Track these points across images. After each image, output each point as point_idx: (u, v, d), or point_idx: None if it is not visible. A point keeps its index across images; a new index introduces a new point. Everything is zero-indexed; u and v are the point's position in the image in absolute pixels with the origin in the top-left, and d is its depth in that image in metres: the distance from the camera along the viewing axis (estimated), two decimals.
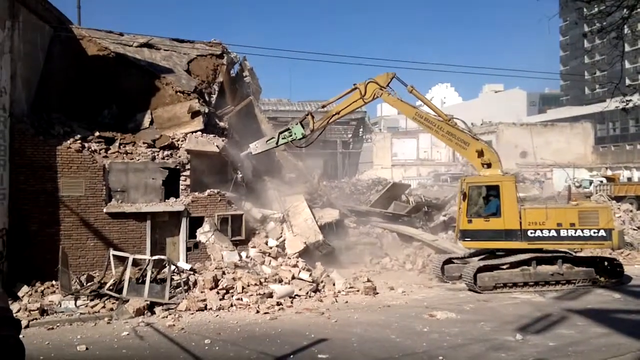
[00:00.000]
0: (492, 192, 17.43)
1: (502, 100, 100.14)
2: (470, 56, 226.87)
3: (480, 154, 17.60)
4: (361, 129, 53.12)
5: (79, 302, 14.53)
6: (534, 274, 17.08)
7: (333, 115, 19.68)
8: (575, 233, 16.71)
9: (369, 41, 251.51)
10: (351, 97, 19.31)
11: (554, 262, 17.19)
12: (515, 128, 58.39)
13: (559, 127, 61.32)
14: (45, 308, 14.04)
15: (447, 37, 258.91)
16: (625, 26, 12.62)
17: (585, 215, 16.73)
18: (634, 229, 26.22)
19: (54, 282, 15.68)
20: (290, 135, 19.75)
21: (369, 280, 17.64)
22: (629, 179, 48.20)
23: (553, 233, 16.88)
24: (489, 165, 17.56)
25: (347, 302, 15.67)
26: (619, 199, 33.44)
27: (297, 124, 19.74)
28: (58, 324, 13.23)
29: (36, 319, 13.42)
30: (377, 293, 16.73)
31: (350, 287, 17.03)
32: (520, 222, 17.09)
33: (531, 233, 17.04)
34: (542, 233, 16.97)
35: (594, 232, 16.52)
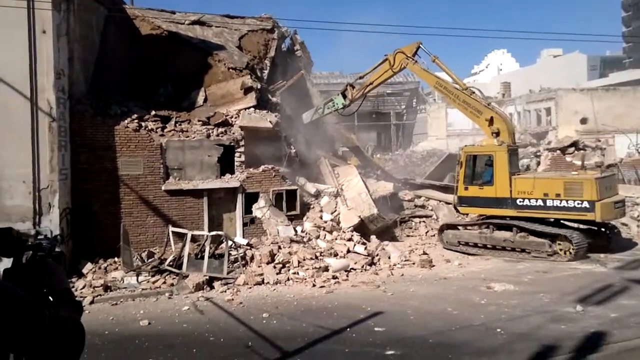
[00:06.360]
0: (487, 161, 18.28)
1: (562, 65, 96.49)
2: (527, 21, 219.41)
3: (490, 122, 18.18)
4: (415, 100, 52.30)
5: (140, 278, 14.91)
6: (489, 238, 18.08)
7: (367, 85, 21.33)
8: (560, 203, 16.93)
9: (421, 9, 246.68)
10: (382, 67, 20.62)
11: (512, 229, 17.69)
12: (575, 94, 56.15)
13: (621, 92, 58.71)
14: (109, 284, 14.43)
15: (502, 1, 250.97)
16: None
17: (570, 187, 16.91)
18: None
19: (116, 259, 16.08)
20: (334, 105, 21.93)
21: (424, 253, 17.54)
22: None
23: (540, 202, 17.25)
24: (497, 134, 18.07)
25: (402, 275, 15.58)
26: None
27: (338, 95, 21.84)
28: (121, 300, 13.59)
29: (100, 295, 13.81)
30: (433, 266, 16.60)
31: (406, 260, 16.94)
32: (511, 191, 17.63)
33: (520, 202, 17.56)
34: (529, 202, 17.42)
35: (578, 204, 16.64)
